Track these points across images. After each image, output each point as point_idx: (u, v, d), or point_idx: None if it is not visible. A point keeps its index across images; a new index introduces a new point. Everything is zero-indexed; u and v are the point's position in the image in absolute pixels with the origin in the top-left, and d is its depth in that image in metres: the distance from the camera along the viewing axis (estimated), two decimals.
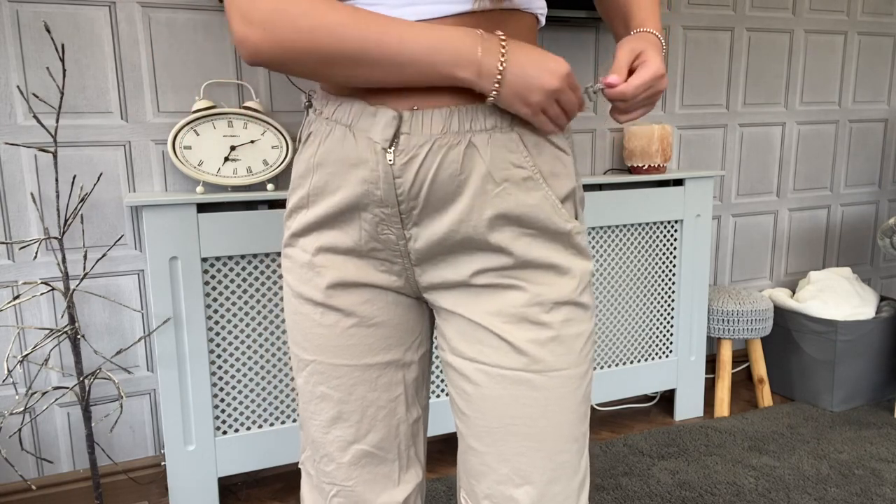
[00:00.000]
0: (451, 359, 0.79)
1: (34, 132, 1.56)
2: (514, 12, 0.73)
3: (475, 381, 0.76)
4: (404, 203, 0.72)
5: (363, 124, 0.72)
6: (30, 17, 1.52)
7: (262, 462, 1.69)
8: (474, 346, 0.76)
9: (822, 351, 2.20)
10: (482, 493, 0.78)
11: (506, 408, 0.75)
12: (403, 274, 0.78)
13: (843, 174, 2.60)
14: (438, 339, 0.82)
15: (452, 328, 0.78)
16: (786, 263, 2.56)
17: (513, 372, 0.74)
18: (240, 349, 1.64)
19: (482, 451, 0.77)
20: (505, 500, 0.76)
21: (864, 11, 2.50)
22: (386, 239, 0.75)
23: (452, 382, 0.80)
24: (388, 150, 0.70)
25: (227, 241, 1.57)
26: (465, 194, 0.71)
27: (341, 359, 0.80)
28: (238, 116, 1.62)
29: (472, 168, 0.71)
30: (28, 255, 1.59)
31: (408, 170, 0.70)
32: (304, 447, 0.87)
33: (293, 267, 0.81)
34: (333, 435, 0.82)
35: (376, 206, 0.73)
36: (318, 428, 0.83)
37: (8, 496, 1.65)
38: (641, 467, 1.85)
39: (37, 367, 1.63)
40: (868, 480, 1.77)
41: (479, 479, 0.78)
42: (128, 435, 1.74)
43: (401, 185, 0.71)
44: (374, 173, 0.71)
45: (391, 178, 0.71)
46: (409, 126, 0.70)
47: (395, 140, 0.70)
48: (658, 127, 1.99)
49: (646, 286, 2.06)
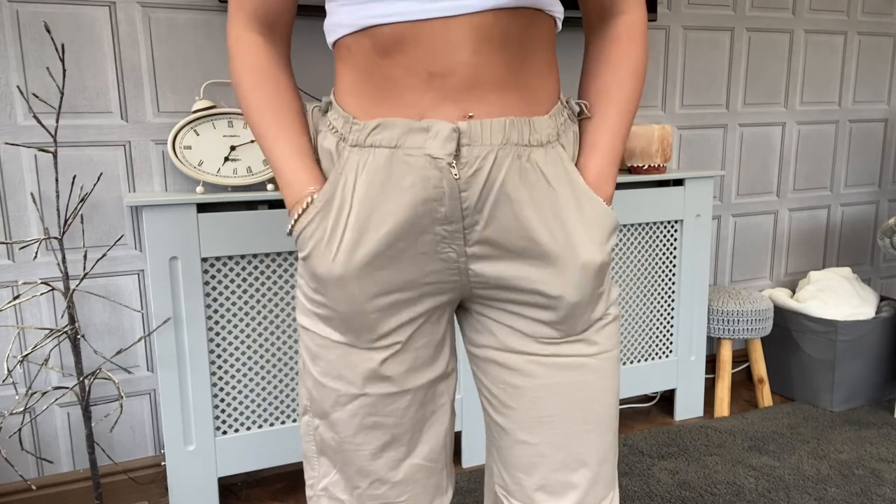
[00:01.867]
0: (495, 355, 0.78)
1: (34, 132, 1.56)
2: (538, 14, 0.72)
3: (528, 373, 0.76)
4: (468, 217, 0.70)
5: (414, 142, 0.69)
6: (30, 17, 1.52)
7: (262, 462, 1.69)
8: (521, 339, 0.76)
9: (822, 351, 2.20)
10: (534, 484, 0.78)
11: (563, 394, 0.76)
12: (457, 289, 0.76)
13: (843, 174, 2.60)
14: (476, 338, 0.81)
15: (499, 325, 0.77)
16: (786, 263, 2.56)
17: (569, 358, 0.76)
18: (240, 349, 1.64)
19: (535, 442, 0.77)
20: (562, 486, 0.77)
21: (864, 11, 2.50)
22: (446, 257, 0.72)
23: (495, 378, 0.79)
24: (452, 165, 0.68)
25: (227, 241, 1.57)
26: (533, 207, 0.71)
27: (390, 388, 0.76)
28: (238, 116, 1.62)
29: (535, 180, 0.71)
30: (28, 255, 1.59)
31: (474, 183, 0.69)
32: (326, 474, 0.83)
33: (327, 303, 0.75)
34: (386, 457, 0.79)
35: (439, 223, 0.70)
36: (365, 458, 0.78)
37: (8, 496, 1.65)
38: (641, 467, 1.85)
39: (37, 367, 1.63)
40: (868, 480, 1.77)
41: (531, 471, 0.78)
42: (128, 435, 1.74)
43: (466, 200, 0.69)
44: (437, 190, 0.69)
45: (457, 192, 0.69)
46: (468, 137, 0.68)
47: (457, 153, 0.68)
48: (658, 127, 1.99)
49: (646, 286, 2.06)
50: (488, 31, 0.68)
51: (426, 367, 0.78)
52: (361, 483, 0.80)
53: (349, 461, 0.79)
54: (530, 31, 0.71)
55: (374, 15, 0.68)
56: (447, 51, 0.67)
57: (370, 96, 0.71)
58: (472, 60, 0.68)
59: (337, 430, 0.78)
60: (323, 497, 0.83)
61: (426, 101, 0.69)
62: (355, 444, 0.78)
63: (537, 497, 0.78)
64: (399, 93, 0.69)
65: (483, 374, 0.81)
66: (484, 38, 0.68)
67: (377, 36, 0.69)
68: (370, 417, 0.77)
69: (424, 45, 0.67)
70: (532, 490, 0.78)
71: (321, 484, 0.83)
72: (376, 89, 0.71)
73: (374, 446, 0.78)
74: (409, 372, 0.77)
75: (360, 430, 0.77)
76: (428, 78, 0.68)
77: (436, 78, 0.68)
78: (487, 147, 0.69)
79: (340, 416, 0.78)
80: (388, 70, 0.69)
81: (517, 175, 0.70)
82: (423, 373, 0.78)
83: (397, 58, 0.69)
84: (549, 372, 0.76)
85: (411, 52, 0.68)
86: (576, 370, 0.76)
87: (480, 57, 0.68)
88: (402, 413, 0.78)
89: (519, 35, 0.70)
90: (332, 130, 0.74)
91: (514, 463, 0.79)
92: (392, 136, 0.69)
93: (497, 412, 0.80)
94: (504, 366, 0.78)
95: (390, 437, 0.78)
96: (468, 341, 0.83)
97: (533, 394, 0.76)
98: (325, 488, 0.83)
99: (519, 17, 0.69)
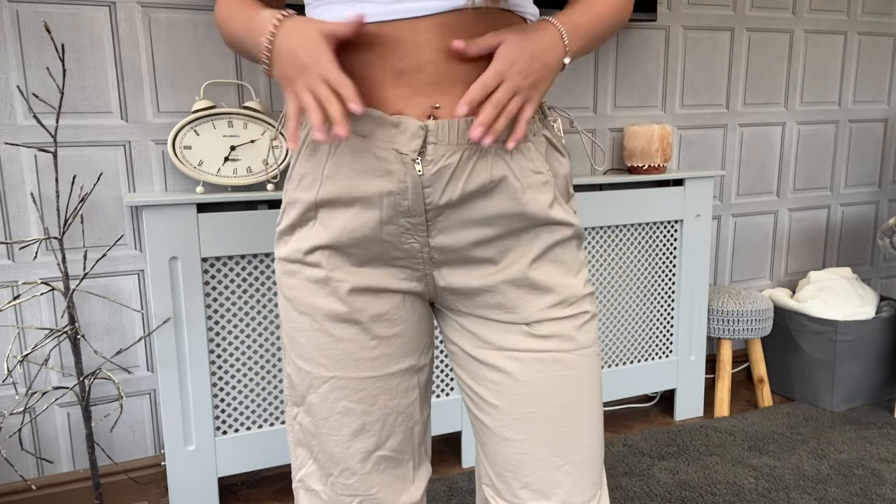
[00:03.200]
0: (476, 352, 0.80)
1: (34, 132, 1.56)
2: (508, 14, 0.74)
3: (507, 369, 0.77)
4: (432, 212, 0.73)
5: (383, 135, 0.71)
6: (30, 17, 1.52)
7: (262, 462, 1.69)
8: (501, 334, 0.78)
9: (822, 351, 2.20)
10: (520, 482, 0.78)
11: (543, 390, 0.77)
12: (423, 279, 0.78)
13: (843, 174, 2.60)
14: (455, 337, 0.82)
15: (476, 323, 0.79)
16: (786, 263, 2.56)
17: (546, 354, 0.77)
18: (240, 349, 1.64)
19: (519, 439, 0.78)
20: (546, 484, 0.77)
21: (864, 11, 2.50)
22: (409, 248, 0.75)
23: (478, 377, 0.80)
24: (416, 161, 0.70)
25: (227, 241, 1.57)
26: (494, 201, 0.73)
27: (364, 371, 0.78)
28: (238, 116, 1.62)
29: (499, 176, 0.73)
30: (28, 255, 1.59)
31: (438, 180, 0.71)
32: (303, 464, 0.85)
33: (299, 284, 0.78)
34: (356, 447, 0.80)
35: (402, 216, 0.73)
36: (338, 443, 0.80)
37: (8, 496, 1.65)
38: (641, 467, 1.85)
39: (37, 367, 1.63)
40: (868, 480, 1.77)
41: (516, 469, 0.78)
42: (128, 435, 1.74)
43: (430, 195, 0.72)
44: (401, 184, 0.71)
45: (420, 188, 0.71)
46: (435, 136, 0.70)
47: (422, 150, 0.71)
48: (658, 127, 1.99)
49: (646, 286, 2.06)
50: (453, 31, 0.70)
51: (399, 354, 0.80)
52: (334, 470, 0.81)
53: (323, 446, 0.81)
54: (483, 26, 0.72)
55: (341, 17, 0.71)
56: (415, 50, 0.70)
57: None
58: (439, 58, 0.70)
59: (313, 414, 0.81)
60: (300, 488, 0.86)
61: (397, 96, 0.71)
62: (327, 428, 0.80)
63: (522, 495, 0.78)
64: (370, 88, 0.72)
65: (465, 373, 0.82)
66: (449, 38, 0.70)
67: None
68: (340, 402, 0.79)
69: (392, 44, 0.70)
70: (518, 488, 0.79)
71: (298, 475, 0.86)
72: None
73: (346, 432, 0.80)
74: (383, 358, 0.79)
75: (331, 415, 0.80)
76: (398, 74, 0.71)
77: (405, 74, 0.70)
78: (453, 147, 0.71)
79: (314, 400, 0.80)
80: (358, 68, 0.72)
81: (486, 172, 0.72)
82: (396, 360, 0.80)
83: (366, 57, 0.71)
84: (528, 368, 0.77)
85: (380, 50, 0.70)
86: (554, 365, 0.77)
87: (448, 56, 0.70)
88: (371, 400, 0.79)
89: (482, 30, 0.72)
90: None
91: (500, 461, 0.80)
92: (366, 127, 0.72)
93: (481, 411, 0.81)
94: (485, 363, 0.79)
95: (360, 425, 0.79)
96: (448, 341, 0.84)
97: (514, 391, 0.77)
98: (302, 479, 0.85)
99: (487, 18, 0.72)
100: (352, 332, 0.77)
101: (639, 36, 2.15)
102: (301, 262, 0.77)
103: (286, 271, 0.79)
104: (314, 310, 0.77)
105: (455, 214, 0.73)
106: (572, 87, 2.08)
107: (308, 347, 0.79)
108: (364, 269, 0.76)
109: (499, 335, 0.78)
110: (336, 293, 0.76)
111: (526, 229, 0.76)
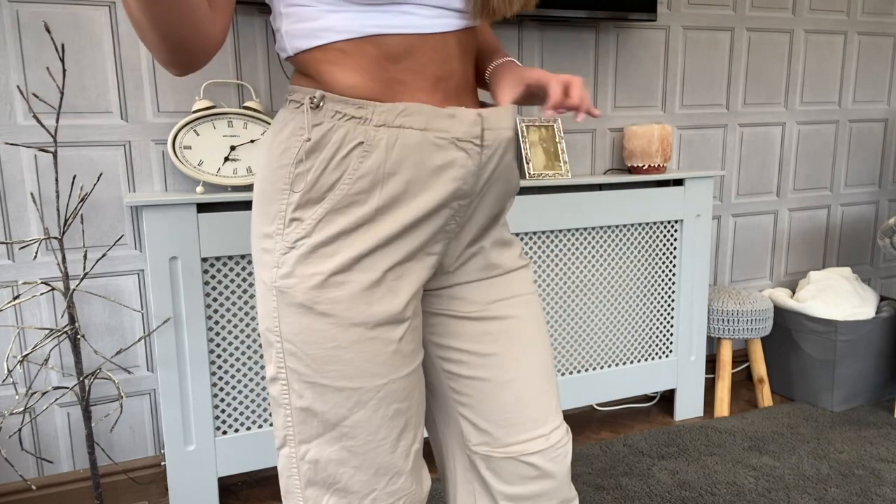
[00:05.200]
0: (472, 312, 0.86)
1: (34, 132, 1.56)
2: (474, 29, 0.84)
3: (502, 315, 0.87)
4: (478, 194, 0.81)
5: (441, 125, 0.75)
6: (30, 17, 1.52)
7: (262, 462, 1.69)
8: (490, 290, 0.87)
9: (822, 351, 2.20)
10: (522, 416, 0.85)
11: (530, 326, 0.88)
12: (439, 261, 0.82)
13: (843, 174, 2.60)
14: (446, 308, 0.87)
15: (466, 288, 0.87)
16: (786, 263, 2.56)
17: (525, 296, 0.89)
18: (240, 349, 1.64)
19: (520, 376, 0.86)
20: (543, 410, 0.86)
21: (864, 11, 2.50)
22: (450, 229, 0.81)
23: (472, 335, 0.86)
24: (477, 146, 0.78)
25: (227, 241, 1.57)
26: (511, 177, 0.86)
27: (408, 367, 0.79)
28: (238, 116, 1.62)
29: (512, 154, 0.85)
30: (28, 255, 1.59)
31: (489, 163, 0.80)
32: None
33: (347, 295, 0.73)
34: (402, 447, 0.80)
35: (456, 199, 0.79)
36: (387, 451, 0.78)
37: (8, 496, 1.65)
38: (641, 467, 1.85)
39: (37, 367, 1.63)
40: (868, 480, 1.77)
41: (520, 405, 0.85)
42: (128, 435, 1.74)
43: (482, 177, 0.80)
44: (464, 170, 0.77)
45: (479, 171, 0.79)
46: (489, 122, 0.79)
47: (481, 137, 0.78)
48: (658, 127, 1.99)
49: (646, 286, 2.06)
50: (466, 43, 0.81)
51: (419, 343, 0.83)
52: (378, 485, 0.78)
53: (369, 463, 0.77)
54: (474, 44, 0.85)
55: (381, 25, 0.73)
56: (447, 59, 0.79)
57: (379, 96, 0.75)
58: (460, 67, 0.81)
59: (355, 436, 0.76)
60: None
61: (436, 100, 0.78)
62: (377, 440, 0.77)
63: (527, 427, 0.85)
64: (411, 94, 0.76)
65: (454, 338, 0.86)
66: (465, 50, 0.81)
67: (385, 44, 0.74)
68: (392, 405, 0.78)
69: (430, 54, 0.77)
70: (520, 423, 0.85)
71: None
72: (386, 89, 0.75)
73: (394, 436, 0.79)
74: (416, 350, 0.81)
75: (383, 424, 0.77)
76: (436, 81, 0.78)
77: (441, 81, 0.78)
78: (504, 131, 0.80)
79: (361, 416, 0.76)
80: (399, 74, 0.76)
81: (510, 154, 0.83)
82: (419, 350, 0.82)
83: (407, 64, 0.76)
84: (516, 310, 0.88)
85: (420, 59, 0.76)
86: (531, 305, 0.89)
87: (464, 65, 0.81)
88: (410, 394, 0.80)
89: (473, 47, 0.84)
90: (343, 118, 0.73)
91: (501, 406, 0.85)
92: (421, 120, 0.75)
93: (476, 368, 0.86)
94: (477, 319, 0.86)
95: (405, 422, 0.80)
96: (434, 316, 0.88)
97: (508, 332, 0.86)
98: None
99: (473, 33, 0.83)
100: (400, 331, 0.77)
101: (639, 36, 2.15)
102: (350, 269, 0.73)
103: (328, 285, 0.73)
104: (370, 317, 0.74)
105: (489, 193, 0.83)
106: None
107: (357, 362, 0.75)
108: (409, 264, 0.78)
109: (489, 290, 0.87)
110: (392, 292, 0.76)
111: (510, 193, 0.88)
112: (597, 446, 1.96)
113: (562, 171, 1.92)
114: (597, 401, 2.05)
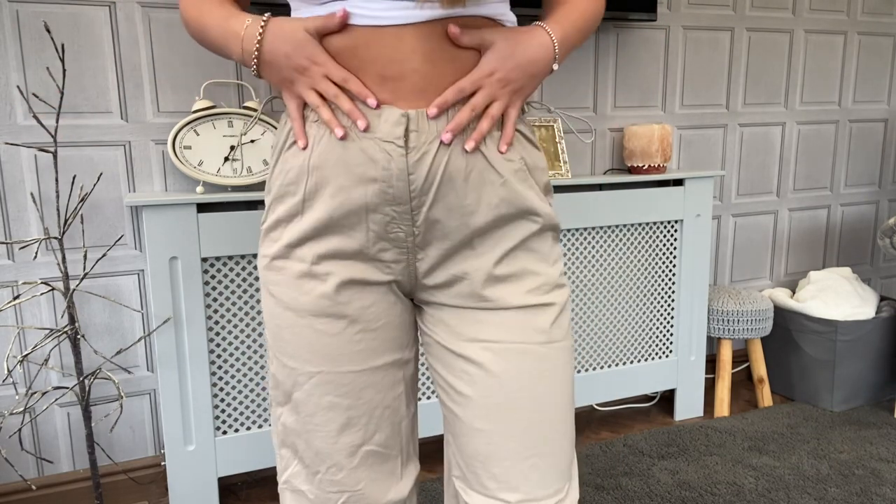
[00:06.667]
0: (451, 344, 0.80)
1: (34, 132, 1.56)
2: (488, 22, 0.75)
3: (479, 361, 0.78)
4: (416, 199, 0.74)
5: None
6: (30, 17, 1.52)
7: (262, 462, 1.69)
8: (474, 326, 0.79)
9: (822, 351, 2.20)
10: (488, 473, 0.79)
11: (514, 382, 0.77)
12: (406, 271, 0.79)
13: (843, 174, 2.60)
14: (432, 329, 0.83)
15: (451, 314, 0.80)
16: (786, 263, 2.56)
17: (518, 345, 0.77)
18: (240, 349, 1.64)
19: (489, 430, 0.78)
20: (513, 476, 0.78)
21: (864, 11, 2.50)
22: (395, 237, 0.76)
23: (452, 368, 0.81)
24: (400, 148, 0.72)
25: (227, 241, 1.57)
26: (473, 187, 0.75)
27: (349, 365, 0.79)
28: (238, 116, 1.62)
29: (475, 163, 0.75)
30: (28, 255, 1.59)
31: (420, 166, 0.72)
32: (287, 465, 0.85)
33: (284, 280, 0.78)
34: (343, 442, 0.81)
35: (387, 204, 0.74)
36: (324, 438, 0.81)
37: (8, 496, 1.65)
38: (641, 467, 1.85)
39: (37, 367, 1.63)
40: (868, 480, 1.77)
41: (486, 460, 0.79)
42: (128, 435, 1.74)
43: (414, 182, 0.73)
44: (386, 172, 0.72)
45: (405, 175, 0.73)
46: (416, 124, 0.72)
47: (405, 138, 0.72)
48: (658, 127, 1.99)
49: (646, 286, 2.06)
50: (439, 41, 0.71)
51: (383, 348, 0.81)
52: (321, 467, 0.81)
53: (310, 443, 0.81)
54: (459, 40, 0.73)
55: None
56: (399, 58, 0.71)
57: None
58: (424, 69, 0.71)
59: (298, 411, 0.81)
60: (286, 489, 0.86)
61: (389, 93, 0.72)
62: (314, 424, 0.81)
63: (490, 486, 0.79)
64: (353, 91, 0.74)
65: (440, 364, 0.83)
66: (435, 47, 0.71)
67: (328, 39, 0.73)
68: (326, 397, 0.79)
69: (378, 50, 0.71)
70: (486, 479, 0.79)
71: (284, 476, 0.86)
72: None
73: (332, 427, 0.80)
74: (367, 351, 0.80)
75: (317, 411, 0.80)
76: (381, 81, 0.72)
77: (388, 81, 0.72)
78: (434, 133, 0.72)
79: (299, 397, 0.81)
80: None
81: (464, 158, 0.74)
82: (380, 354, 0.80)
83: (351, 62, 0.72)
84: (500, 359, 0.78)
85: (364, 55, 0.71)
86: (526, 357, 0.78)
87: (433, 66, 0.72)
88: (357, 394, 0.80)
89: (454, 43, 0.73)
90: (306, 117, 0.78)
91: (471, 452, 0.80)
92: (346, 118, 0.73)
93: (453, 401, 0.82)
94: (458, 354, 0.80)
95: (346, 419, 0.80)
96: (424, 334, 0.85)
97: (486, 381, 0.78)
98: (287, 480, 0.85)
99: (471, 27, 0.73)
100: (337, 326, 0.78)
101: (639, 36, 2.15)
102: (287, 256, 0.78)
103: (271, 268, 0.79)
104: (300, 305, 0.78)
105: (439, 202, 0.74)
106: (572, 88, 2.08)
107: (293, 344, 0.79)
108: (349, 262, 0.77)
109: (473, 326, 0.79)
110: (322, 286, 0.77)
111: (504, 217, 0.77)
112: (597, 446, 1.97)
113: (562, 171, 1.93)
114: (597, 401, 2.05)
